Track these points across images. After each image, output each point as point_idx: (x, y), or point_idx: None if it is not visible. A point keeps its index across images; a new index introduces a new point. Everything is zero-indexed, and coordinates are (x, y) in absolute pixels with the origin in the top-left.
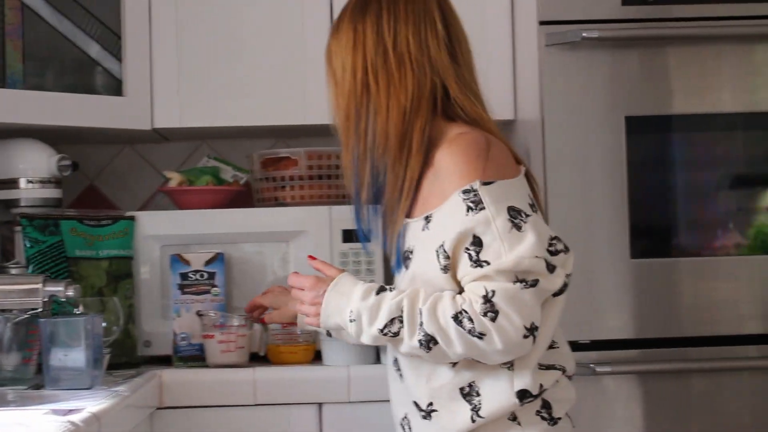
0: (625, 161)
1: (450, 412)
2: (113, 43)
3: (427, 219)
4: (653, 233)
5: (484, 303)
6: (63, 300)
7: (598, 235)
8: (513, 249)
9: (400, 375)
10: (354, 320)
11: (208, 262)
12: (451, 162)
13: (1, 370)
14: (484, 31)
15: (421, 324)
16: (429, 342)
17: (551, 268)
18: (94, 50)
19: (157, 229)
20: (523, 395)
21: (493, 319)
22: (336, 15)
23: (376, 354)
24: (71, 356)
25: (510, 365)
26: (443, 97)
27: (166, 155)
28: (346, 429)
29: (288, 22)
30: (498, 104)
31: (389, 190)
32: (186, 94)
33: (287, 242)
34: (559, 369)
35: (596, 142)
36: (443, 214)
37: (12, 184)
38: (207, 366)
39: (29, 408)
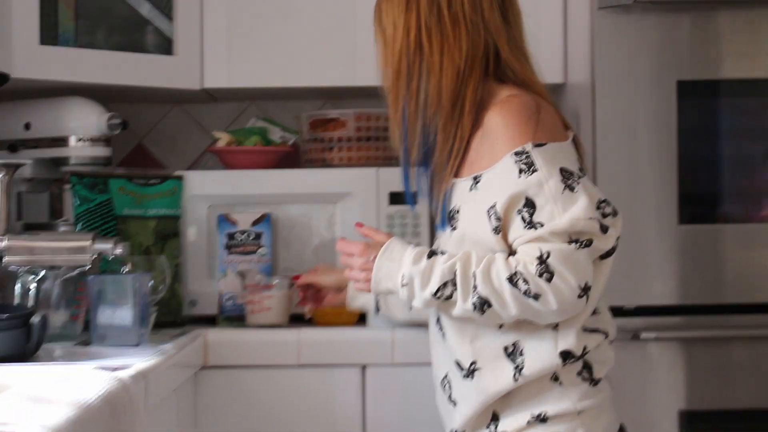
0: (675, 126)
1: (492, 371)
2: (164, 2)
3: (476, 179)
4: (701, 199)
5: (540, 264)
6: (111, 258)
7: (646, 200)
8: (567, 210)
9: (443, 335)
10: (406, 284)
11: (255, 223)
12: (502, 123)
13: (49, 326)
14: None
15: (475, 287)
16: (483, 305)
17: (604, 228)
18: (146, 9)
19: (205, 189)
20: (566, 356)
21: (549, 280)
22: None
23: None
24: (118, 314)
25: (555, 326)
26: (494, 59)
27: (214, 115)
28: (390, 391)
29: None
30: (548, 67)
31: (439, 150)
32: (235, 54)
33: (334, 204)
34: (602, 333)
35: (647, 106)
36: (494, 175)
37: (62, 142)
38: (251, 326)
39: (77, 364)
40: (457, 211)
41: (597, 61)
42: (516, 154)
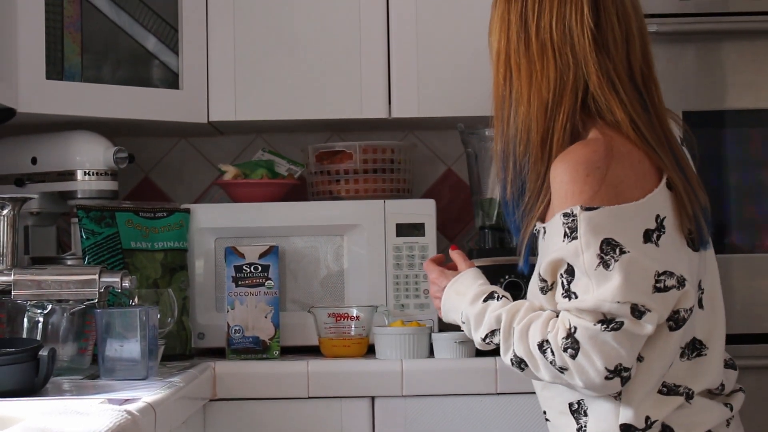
0: None
1: (559, 425)
2: (170, 36)
3: (544, 231)
4: None
5: (566, 338)
6: (118, 291)
7: None
8: (599, 287)
9: None
10: (464, 322)
11: (262, 255)
12: (559, 178)
13: (57, 360)
14: None
15: (513, 344)
16: (520, 363)
17: (639, 314)
18: (151, 43)
19: (212, 222)
20: (626, 429)
21: (573, 356)
22: (392, 9)
23: (429, 348)
24: (126, 347)
25: (617, 394)
26: (584, 92)
27: (221, 148)
28: (399, 423)
29: (344, 15)
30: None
31: (529, 189)
32: (242, 88)
33: (341, 236)
34: (682, 394)
35: None
36: (549, 233)
37: (69, 175)
38: (260, 358)
39: (85, 397)
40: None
41: None
42: (564, 215)
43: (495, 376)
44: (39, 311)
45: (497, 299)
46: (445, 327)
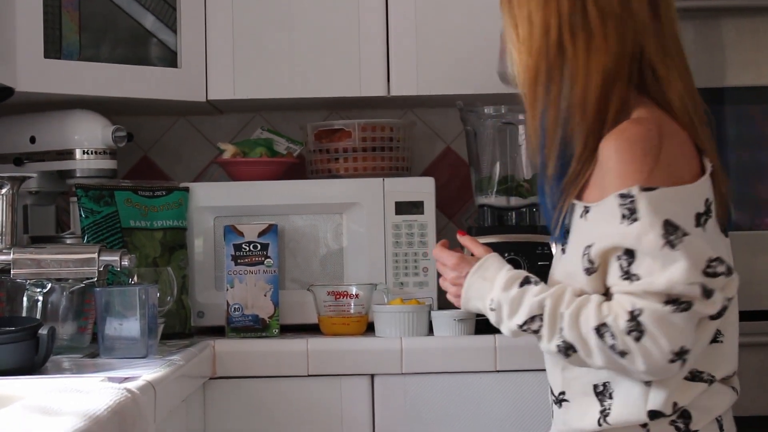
0: None
1: (580, 406)
2: (169, 14)
3: (586, 210)
4: None
5: (630, 320)
6: (118, 270)
7: None
8: (665, 269)
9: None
10: (494, 309)
11: (261, 234)
12: (615, 157)
13: (57, 339)
14: None
15: (561, 329)
16: (567, 349)
17: (708, 293)
18: (149, 22)
19: (211, 201)
20: (654, 415)
21: (638, 339)
22: None
23: (428, 326)
24: (126, 325)
25: (648, 381)
26: (640, 63)
27: (219, 127)
28: (398, 400)
29: None
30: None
31: (574, 164)
32: (240, 66)
33: (340, 214)
34: (707, 380)
35: None
36: (599, 213)
37: (68, 154)
38: (260, 337)
39: (85, 375)
40: (568, 233)
41: None
42: (621, 196)
43: (494, 354)
44: (38, 290)
45: (535, 284)
46: (444, 305)
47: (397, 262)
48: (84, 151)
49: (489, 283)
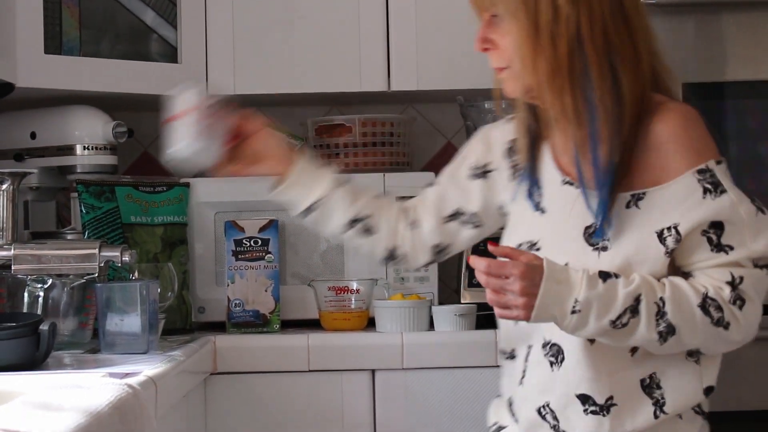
0: None
1: (631, 406)
2: (169, 10)
3: (637, 197)
4: None
5: (732, 290)
6: (119, 266)
7: None
8: (761, 234)
9: (557, 362)
10: (578, 311)
11: (262, 229)
12: (682, 136)
13: (58, 334)
14: None
15: (664, 315)
16: (668, 334)
17: None
18: (150, 17)
19: (212, 196)
20: (708, 392)
21: (741, 307)
22: None
23: (429, 321)
24: (127, 321)
25: (697, 359)
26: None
27: None
28: (399, 396)
29: None
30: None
31: (625, 150)
32: (241, 62)
33: None
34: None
35: None
36: (669, 194)
37: (68, 150)
38: (260, 332)
39: (86, 371)
40: (602, 230)
41: None
42: (700, 171)
43: (495, 349)
44: (39, 286)
45: (615, 277)
46: (444, 300)
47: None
48: (84, 146)
49: (565, 285)
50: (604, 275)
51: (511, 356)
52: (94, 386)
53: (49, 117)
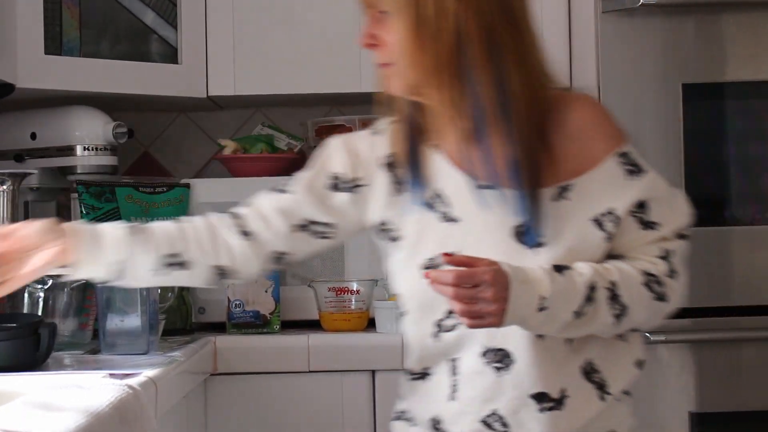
0: (681, 129)
1: (580, 396)
2: (169, 10)
3: (564, 188)
4: (708, 202)
5: (666, 264)
6: None
7: None
8: (680, 207)
9: (506, 366)
10: (546, 308)
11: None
12: (597, 123)
13: (58, 335)
14: None
15: (617, 297)
16: (622, 316)
17: None
18: (150, 18)
19: (212, 197)
20: (640, 364)
21: (675, 279)
22: None
23: None
24: (127, 322)
25: (623, 336)
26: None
27: (220, 123)
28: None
29: None
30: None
31: (530, 150)
32: (241, 62)
33: None
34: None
35: (652, 110)
36: (596, 180)
37: (68, 151)
38: (260, 333)
39: (86, 372)
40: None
41: (602, 65)
42: (621, 155)
43: None
44: (40, 286)
45: (568, 268)
46: None
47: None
48: (85, 147)
49: (529, 284)
50: (559, 268)
51: (423, 375)
52: (94, 387)
53: (50, 117)
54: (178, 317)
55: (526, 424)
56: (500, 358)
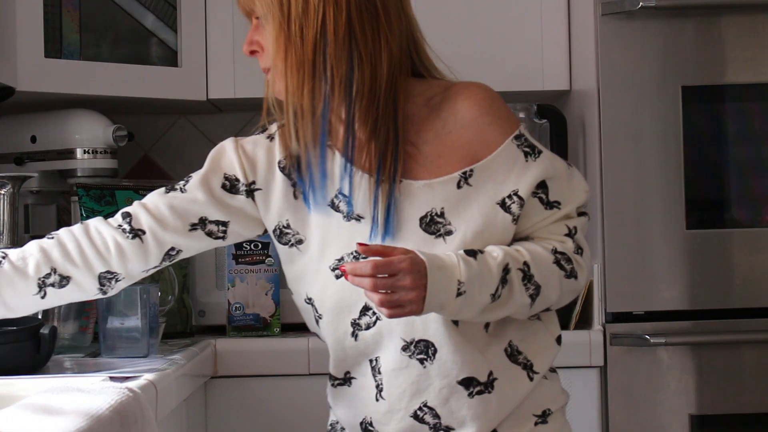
0: (681, 132)
1: (508, 377)
2: (168, 13)
3: (466, 174)
4: (708, 204)
5: (573, 242)
6: None
7: (653, 206)
8: (579, 184)
9: (423, 359)
10: (463, 292)
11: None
12: (489, 110)
13: (58, 338)
14: (540, 0)
15: (531, 278)
16: (536, 296)
17: None
18: (150, 21)
19: None
20: (559, 340)
21: (581, 254)
22: None
23: None
24: (127, 325)
25: (538, 316)
26: (414, 52)
27: (220, 126)
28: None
29: None
30: (553, 74)
31: (375, 156)
32: (241, 65)
33: None
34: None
35: (652, 112)
36: (494, 164)
37: (68, 154)
38: (261, 335)
39: (87, 375)
40: (440, 215)
41: (602, 68)
42: (516, 138)
43: None
44: None
45: (480, 252)
46: None
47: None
48: (85, 150)
49: (445, 270)
50: (471, 253)
51: (345, 380)
52: (94, 390)
53: (50, 121)
54: (178, 320)
55: (457, 412)
56: (423, 349)
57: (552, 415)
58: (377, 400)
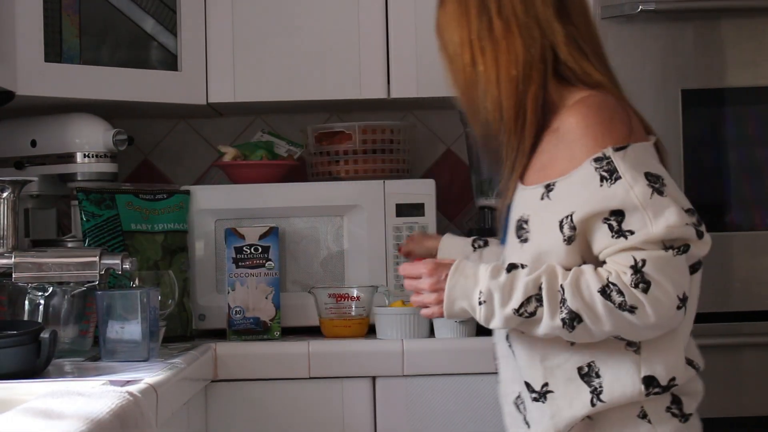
0: (681, 135)
1: (567, 394)
2: (168, 17)
3: (549, 187)
4: (708, 208)
5: (634, 273)
6: (119, 273)
7: None
8: (660, 216)
9: (513, 352)
10: (484, 302)
11: (262, 236)
12: (581, 125)
13: (59, 342)
14: None
15: (564, 301)
16: (573, 320)
17: (700, 233)
18: (150, 25)
19: (212, 203)
20: (649, 383)
21: (645, 290)
22: None
23: (429, 328)
24: (127, 329)
25: (637, 348)
26: (555, 60)
27: (220, 130)
28: (400, 402)
29: None
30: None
31: (506, 162)
32: (240, 69)
33: (341, 216)
34: (695, 367)
35: (652, 116)
36: (572, 183)
37: (69, 158)
38: (261, 339)
39: (87, 379)
40: (526, 222)
41: None
42: (596, 160)
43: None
44: (40, 294)
45: (521, 267)
46: None
47: (398, 264)
48: (85, 154)
49: (472, 279)
50: (511, 266)
51: (495, 357)
52: (94, 394)
53: (50, 125)
54: (178, 324)
55: (530, 411)
56: (510, 344)
57: None
58: (498, 382)
